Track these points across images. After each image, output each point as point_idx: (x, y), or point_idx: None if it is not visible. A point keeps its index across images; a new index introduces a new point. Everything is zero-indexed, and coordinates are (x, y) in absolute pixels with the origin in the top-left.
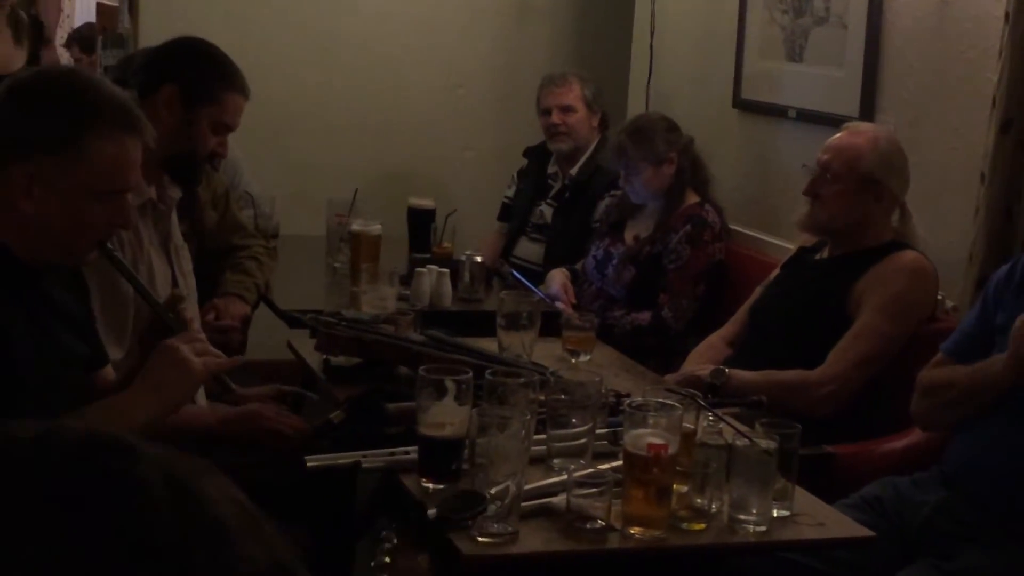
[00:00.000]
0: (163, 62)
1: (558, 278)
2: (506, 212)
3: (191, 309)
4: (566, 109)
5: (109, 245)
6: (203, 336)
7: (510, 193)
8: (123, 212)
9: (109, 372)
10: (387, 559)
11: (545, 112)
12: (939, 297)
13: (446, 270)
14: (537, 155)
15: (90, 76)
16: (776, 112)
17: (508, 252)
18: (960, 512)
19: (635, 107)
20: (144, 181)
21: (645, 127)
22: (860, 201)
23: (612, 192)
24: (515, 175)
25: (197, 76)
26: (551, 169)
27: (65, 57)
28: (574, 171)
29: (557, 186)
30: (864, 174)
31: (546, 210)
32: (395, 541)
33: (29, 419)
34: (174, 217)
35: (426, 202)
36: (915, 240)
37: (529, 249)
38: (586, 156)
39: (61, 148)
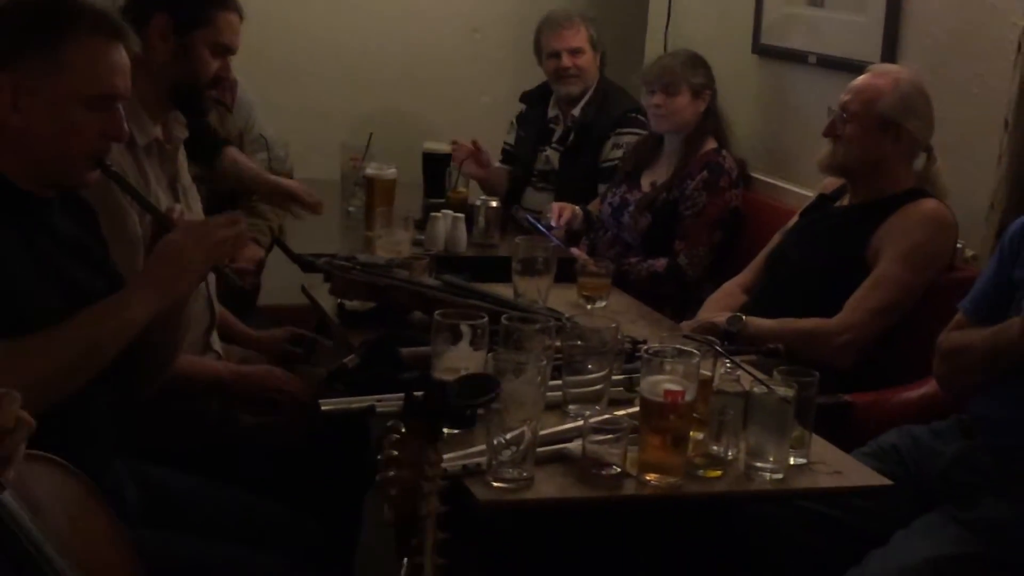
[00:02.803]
0: None
1: (559, 204)
2: (507, 158)
3: None
4: (575, 51)
5: (107, 162)
6: (204, 221)
7: (510, 139)
8: (116, 122)
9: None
10: (394, 452)
11: (553, 55)
12: (959, 246)
13: (461, 215)
14: (536, 99)
15: None
16: (796, 58)
17: (515, 202)
18: (980, 462)
19: (653, 52)
20: (149, 120)
21: (692, 56)
22: (877, 142)
23: (618, 130)
24: (514, 121)
25: (185, 0)
26: (552, 113)
27: None
28: (576, 112)
29: (559, 129)
30: (882, 114)
31: (552, 155)
32: (403, 431)
33: None
34: (181, 157)
35: (441, 147)
36: (939, 186)
37: (537, 198)
38: (588, 96)
39: (42, 54)
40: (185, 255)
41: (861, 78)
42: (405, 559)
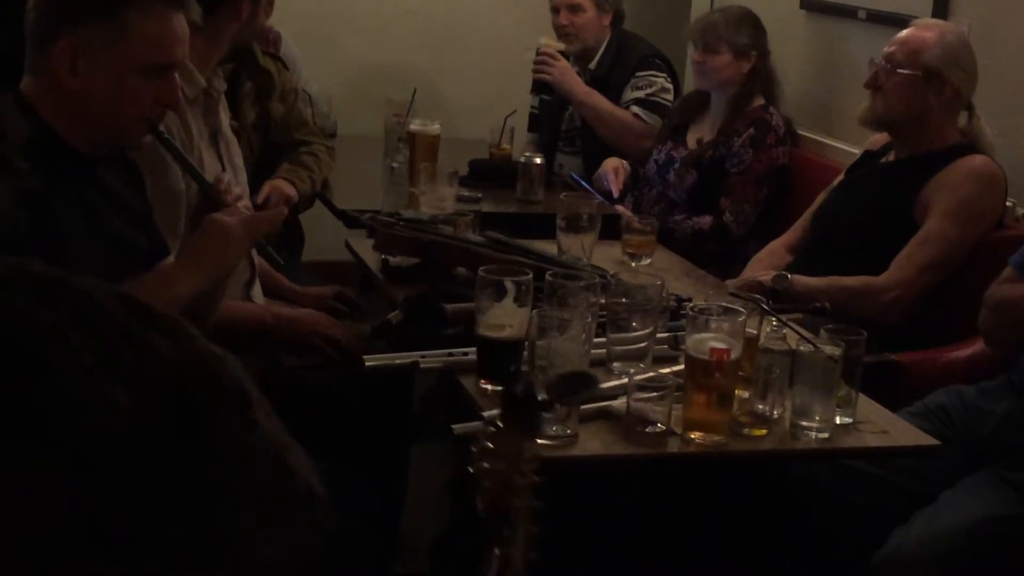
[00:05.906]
0: None
1: (611, 163)
2: (533, 124)
3: (243, 201)
4: (573, 8)
5: (160, 128)
6: (249, 211)
7: (535, 103)
8: (171, 90)
9: (171, 263)
10: (489, 444)
11: (554, 10)
12: (1009, 204)
13: None
14: None
15: None
16: (845, 13)
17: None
18: None
19: (700, 7)
20: (198, 73)
21: (740, 15)
22: (920, 94)
23: (637, 74)
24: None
25: None
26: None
27: None
28: (593, 65)
29: None
30: (926, 65)
31: (576, 113)
32: (500, 425)
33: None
34: (222, 109)
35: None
36: (983, 142)
37: (569, 163)
38: (602, 50)
39: (104, 20)
40: (231, 237)
41: (906, 30)
42: (497, 549)
